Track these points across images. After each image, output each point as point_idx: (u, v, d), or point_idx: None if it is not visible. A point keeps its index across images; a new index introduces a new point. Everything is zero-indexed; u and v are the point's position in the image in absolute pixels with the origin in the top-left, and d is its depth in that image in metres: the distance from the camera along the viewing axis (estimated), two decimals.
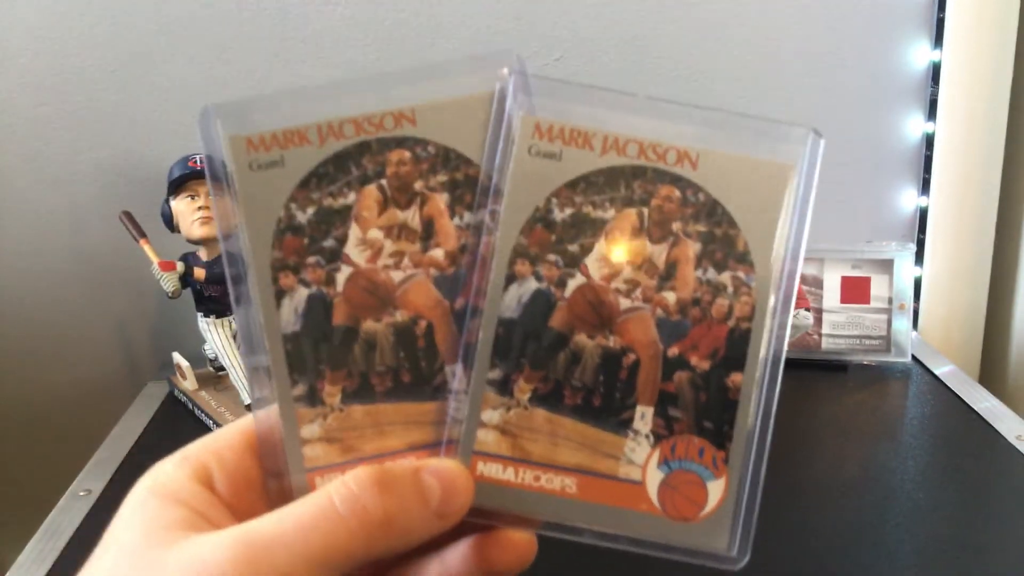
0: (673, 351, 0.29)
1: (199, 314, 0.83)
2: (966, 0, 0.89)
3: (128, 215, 0.82)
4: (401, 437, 0.29)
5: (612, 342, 0.29)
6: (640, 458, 0.29)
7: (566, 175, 0.28)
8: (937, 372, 0.87)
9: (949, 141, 0.94)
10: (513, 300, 0.29)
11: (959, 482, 0.68)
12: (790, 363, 0.93)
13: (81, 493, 0.70)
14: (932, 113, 0.95)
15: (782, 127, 0.29)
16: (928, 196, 0.98)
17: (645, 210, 0.29)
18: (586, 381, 0.29)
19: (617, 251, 0.29)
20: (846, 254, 0.90)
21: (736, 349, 0.28)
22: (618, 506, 0.28)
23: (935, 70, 0.94)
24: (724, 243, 0.28)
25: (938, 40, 0.93)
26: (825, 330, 0.91)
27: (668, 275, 0.29)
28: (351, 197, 0.29)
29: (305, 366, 0.29)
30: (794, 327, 0.91)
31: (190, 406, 0.84)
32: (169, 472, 0.27)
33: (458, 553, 0.29)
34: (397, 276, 0.29)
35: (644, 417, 0.29)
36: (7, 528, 1.01)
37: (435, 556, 0.29)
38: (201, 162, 0.78)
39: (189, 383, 0.86)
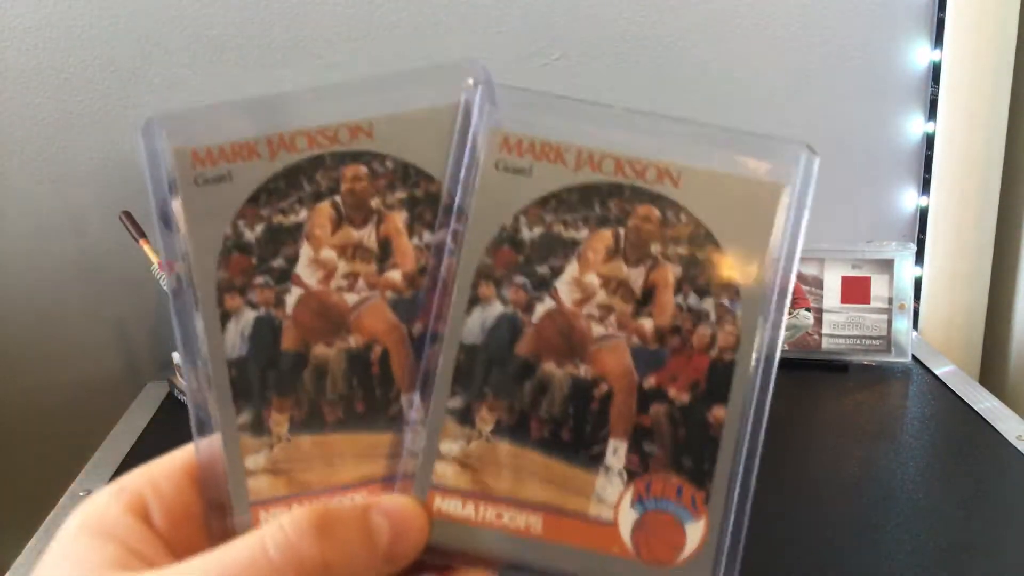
0: (650, 382, 0.26)
1: None
2: (966, 0, 0.89)
3: (128, 215, 0.82)
4: (353, 470, 0.27)
5: (583, 371, 0.26)
6: (612, 496, 0.26)
7: (536, 192, 0.26)
8: (937, 372, 0.87)
9: (949, 141, 0.94)
10: (476, 324, 0.26)
11: (959, 482, 0.68)
12: (790, 363, 0.94)
13: (81, 493, 0.70)
14: (932, 113, 0.95)
15: (773, 143, 0.26)
16: (928, 196, 0.98)
17: (621, 230, 0.26)
18: (554, 413, 0.26)
19: (590, 274, 0.26)
20: (846, 254, 0.90)
21: (719, 381, 0.26)
22: (587, 548, 0.26)
23: (935, 70, 0.94)
24: (707, 267, 0.26)
25: (938, 40, 0.93)
26: (825, 330, 0.91)
27: (645, 301, 0.26)
28: (303, 214, 0.27)
29: (251, 393, 0.27)
30: (794, 327, 0.91)
31: None
32: (102, 506, 0.25)
33: None
34: (351, 299, 0.27)
35: (617, 452, 0.26)
36: (7, 528, 1.01)
37: None
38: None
39: None
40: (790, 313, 0.91)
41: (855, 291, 0.90)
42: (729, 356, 0.26)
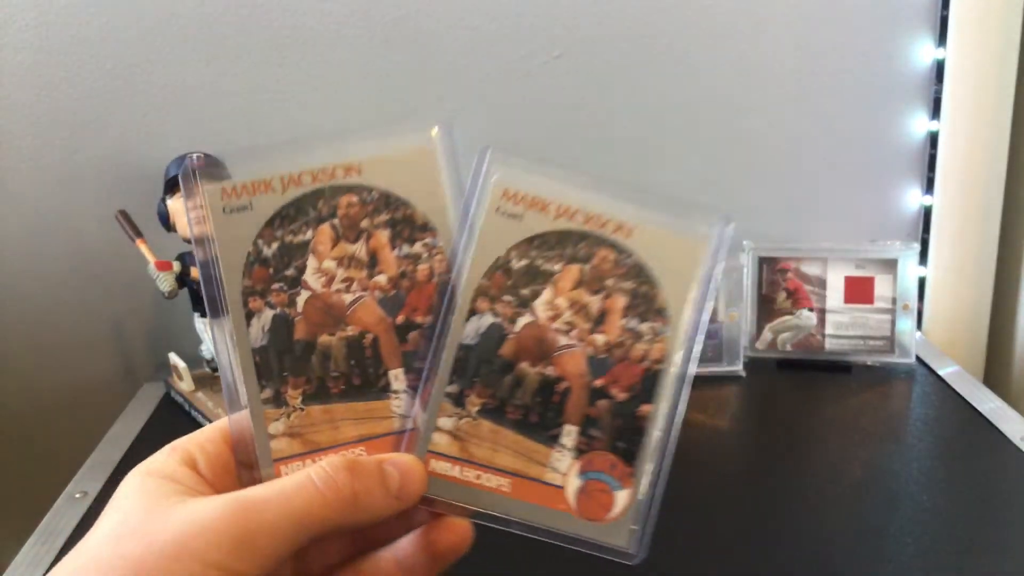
0: (598, 383, 0.35)
1: (196, 314, 0.82)
2: None
3: (124, 214, 0.81)
4: (352, 430, 0.35)
5: (549, 371, 0.35)
6: (563, 467, 0.35)
7: (525, 233, 0.35)
8: (941, 373, 0.87)
9: (953, 140, 0.94)
10: (472, 330, 0.35)
11: (963, 483, 0.67)
12: (794, 364, 0.93)
13: (77, 495, 0.69)
14: (936, 112, 0.95)
15: (700, 212, 0.35)
16: (932, 195, 0.97)
17: (586, 267, 0.35)
18: (525, 401, 0.35)
19: (560, 298, 0.35)
20: (850, 254, 0.89)
21: (648, 385, 0.35)
22: (541, 505, 0.35)
23: (939, 68, 0.93)
24: (646, 299, 0.35)
25: (942, 38, 0.92)
26: (828, 331, 0.90)
27: (599, 321, 0.35)
28: (309, 234, 0.35)
29: (271, 374, 0.35)
30: (797, 327, 0.91)
31: (187, 407, 0.84)
32: (159, 459, 0.32)
33: (409, 540, 0.36)
34: (348, 298, 0.35)
35: (570, 434, 0.35)
36: (3, 530, 1.00)
37: (390, 546, 0.36)
38: (198, 160, 0.77)
39: (185, 384, 0.86)
40: (793, 313, 0.91)
41: (858, 291, 0.89)
42: (657, 367, 0.35)
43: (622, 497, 0.35)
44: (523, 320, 0.35)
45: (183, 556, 0.28)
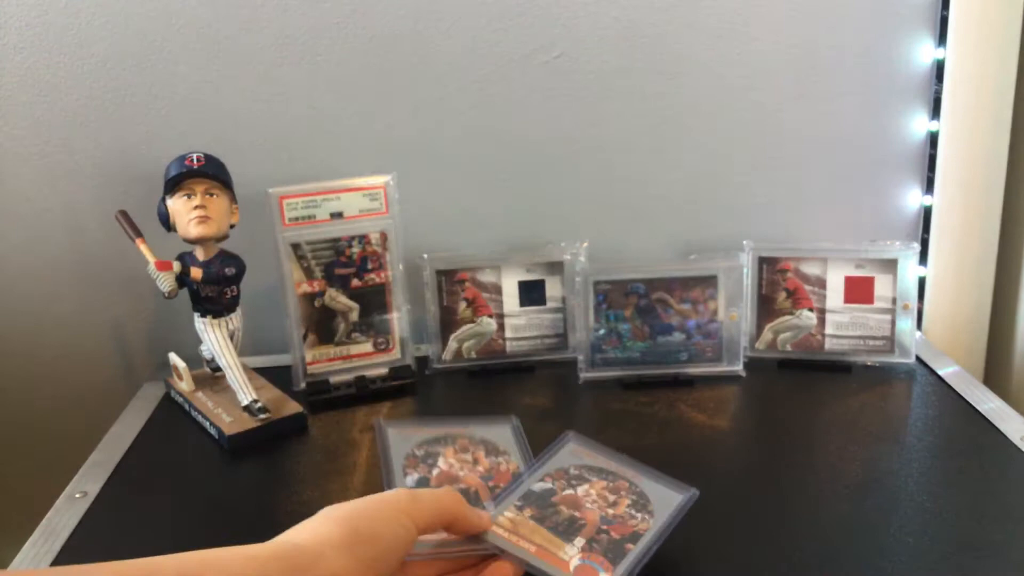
0: (604, 527, 0.57)
1: (196, 314, 0.82)
2: None
3: (124, 214, 0.81)
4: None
5: (577, 515, 0.58)
6: (570, 556, 0.54)
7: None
8: (941, 373, 0.87)
9: (953, 140, 0.94)
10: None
11: (963, 483, 0.67)
12: (793, 364, 0.93)
13: (77, 495, 0.69)
14: (936, 112, 0.95)
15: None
16: (932, 195, 0.97)
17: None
18: (558, 522, 0.57)
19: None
20: (850, 254, 0.89)
21: (633, 538, 0.56)
22: (553, 567, 0.53)
23: (939, 68, 0.93)
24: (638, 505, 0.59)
25: (942, 38, 0.92)
26: (828, 331, 0.90)
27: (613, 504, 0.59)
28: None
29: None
30: (797, 328, 0.91)
31: (187, 407, 0.84)
32: None
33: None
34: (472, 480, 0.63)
35: (580, 543, 0.55)
36: (3, 530, 1.00)
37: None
38: (198, 160, 0.77)
39: (186, 384, 0.85)
40: (793, 313, 0.91)
41: (858, 291, 0.89)
42: (640, 531, 0.56)
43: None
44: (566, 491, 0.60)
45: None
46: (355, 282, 0.87)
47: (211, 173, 0.77)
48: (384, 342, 0.90)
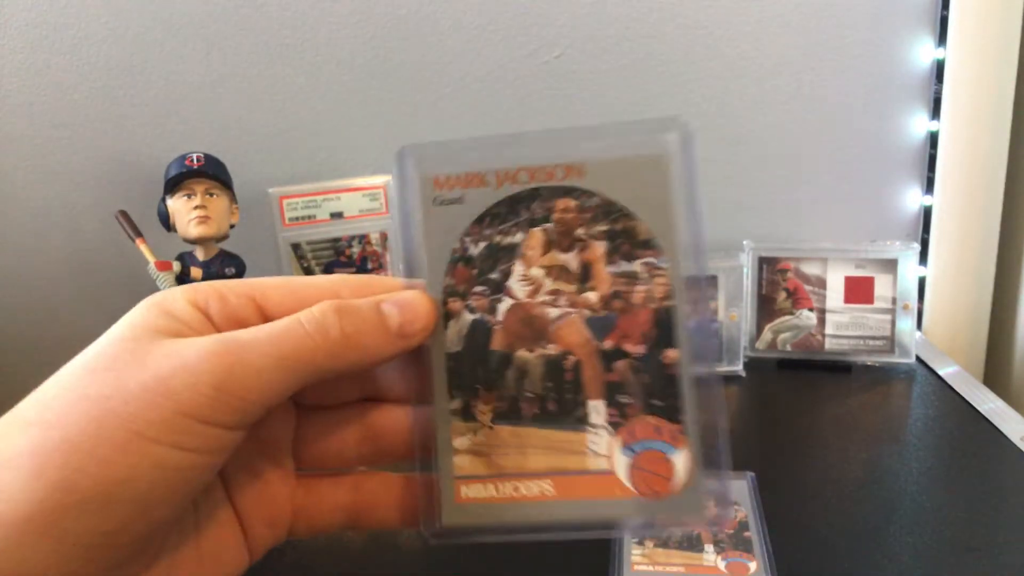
0: (608, 344, 0.31)
1: None
2: None
3: (124, 214, 0.81)
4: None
5: (551, 350, 0.31)
6: (603, 448, 0.30)
7: (472, 214, 0.32)
8: (941, 373, 0.87)
9: (953, 139, 0.94)
10: (454, 335, 0.32)
11: (963, 484, 0.67)
12: (793, 364, 0.93)
13: None
14: (936, 111, 0.95)
15: (649, 124, 0.31)
16: (932, 195, 0.97)
17: (549, 226, 0.31)
18: (536, 391, 0.31)
19: (534, 268, 0.32)
20: (849, 254, 0.89)
21: (664, 327, 0.30)
22: (596, 498, 0.30)
23: (939, 68, 0.93)
24: (627, 235, 0.31)
25: (942, 38, 0.92)
26: (828, 331, 0.90)
27: (585, 277, 0.31)
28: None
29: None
30: (796, 327, 0.91)
31: None
32: (174, 294, 0.30)
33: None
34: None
35: (597, 410, 0.31)
36: None
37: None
38: (198, 160, 0.77)
39: None
40: (793, 313, 0.91)
41: (858, 291, 0.89)
42: (667, 303, 0.30)
43: (681, 459, 0.30)
44: (503, 306, 0.32)
45: (156, 400, 0.25)
46: None
47: (211, 173, 0.77)
48: None
